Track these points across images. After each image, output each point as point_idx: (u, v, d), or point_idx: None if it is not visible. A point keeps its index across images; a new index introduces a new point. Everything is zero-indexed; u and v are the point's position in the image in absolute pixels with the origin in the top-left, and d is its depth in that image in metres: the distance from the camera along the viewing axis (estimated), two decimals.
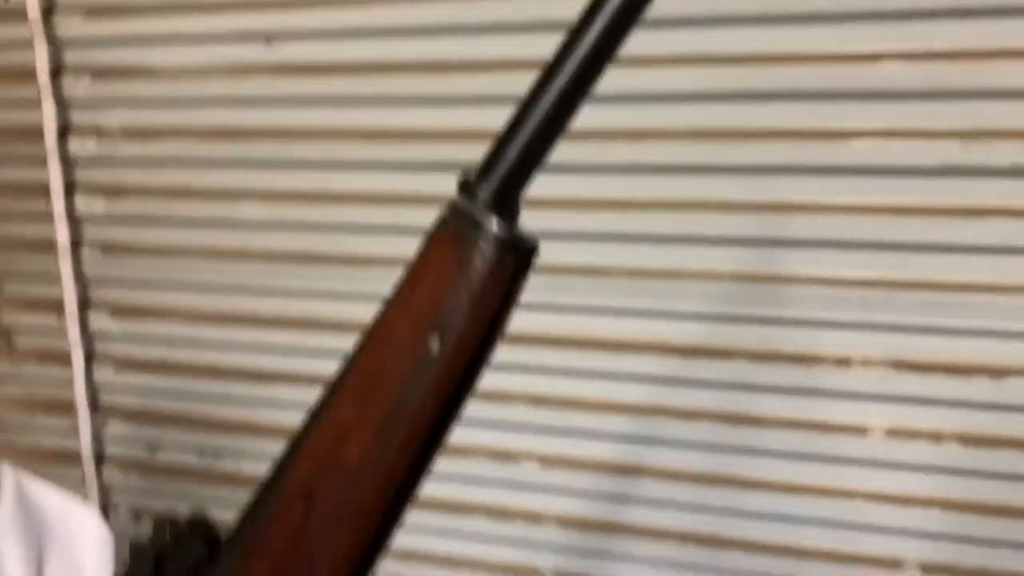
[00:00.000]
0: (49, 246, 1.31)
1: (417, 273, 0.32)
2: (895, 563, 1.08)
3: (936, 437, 1.04)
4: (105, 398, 1.35)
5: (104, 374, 1.34)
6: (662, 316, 1.09)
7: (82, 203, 1.31)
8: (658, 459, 1.13)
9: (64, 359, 1.33)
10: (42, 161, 1.29)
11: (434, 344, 0.31)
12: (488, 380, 1.19)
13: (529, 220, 0.35)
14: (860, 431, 1.06)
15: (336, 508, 0.31)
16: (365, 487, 0.31)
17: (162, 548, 0.33)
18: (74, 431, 1.35)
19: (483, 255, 0.31)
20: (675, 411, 1.11)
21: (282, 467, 0.32)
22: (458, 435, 1.16)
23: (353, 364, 0.32)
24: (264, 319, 1.24)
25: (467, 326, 0.31)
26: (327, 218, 1.20)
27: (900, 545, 1.08)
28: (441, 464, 1.12)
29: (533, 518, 1.20)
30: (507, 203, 0.33)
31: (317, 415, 0.32)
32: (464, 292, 0.31)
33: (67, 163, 1.29)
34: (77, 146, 1.29)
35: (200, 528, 0.34)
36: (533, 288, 1.15)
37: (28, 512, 0.63)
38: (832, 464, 1.07)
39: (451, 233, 0.32)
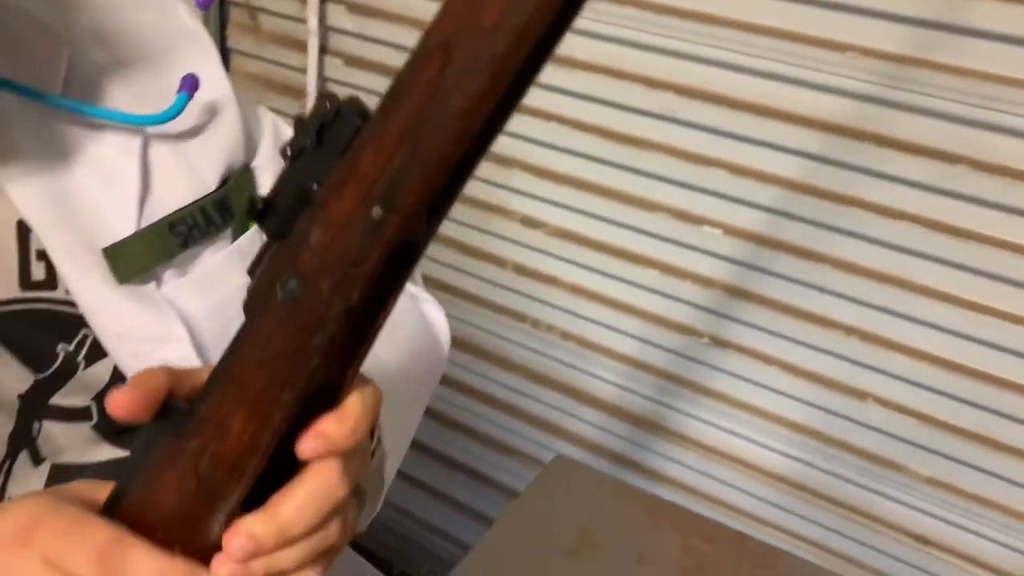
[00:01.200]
0: None
1: None
2: None
3: None
4: (333, 90, 1.44)
5: (334, 67, 1.42)
6: (881, 103, 1.04)
7: None
8: (838, 249, 1.12)
9: (300, 46, 1.42)
10: None
11: None
12: (689, 139, 1.19)
13: None
14: None
15: (471, 61, 0.33)
16: (498, 43, 0.33)
17: (323, 120, 0.37)
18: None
19: None
20: (871, 205, 1.09)
21: (425, 33, 0.34)
22: (645, 188, 1.20)
23: None
24: None
25: None
26: None
27: None
28: (624, 214, 1.16)
29: (705, 282, 1.23)
30: None
31: None
32: None
33: None
34: None
35: (356, 106, 0.36)
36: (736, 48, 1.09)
37: (271, 136, 0.67)
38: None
39: None
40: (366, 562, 0.87)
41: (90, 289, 0.55)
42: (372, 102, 0.36)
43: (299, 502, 0.38)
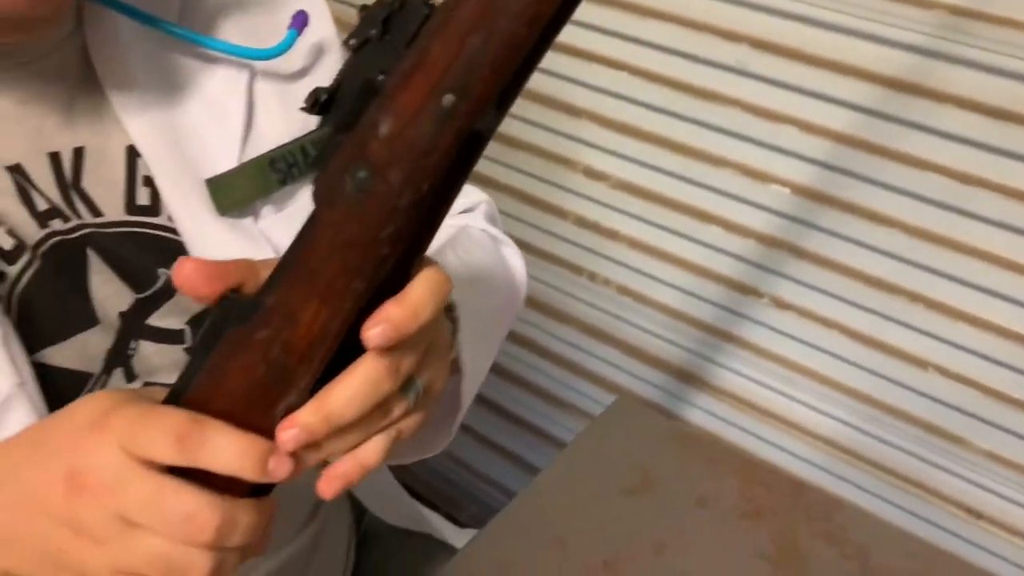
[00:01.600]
0: None
1: None
2: None
3: None
4: None
5: None
6: (962, 62, 1.01)
7: None
8: (908, 213, 1.10)
9: None
10: None
11: None
12: (761, 94, 1.16)
13: None
14: None
15: None
16: None
17: (389, 9, 0.37)
18: None
19: None
20: (947, 170, 1.06)
21: None
22: (713, 143, 1.17)
23: None
24: None
25: None
26: None
27: None
28: (691, 169, 1.14)
29: (770, 242, 1.22)
30: None
31: None
32: None
33: None
34: None
35: None
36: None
37: None
38: None
39: None
40: (418, 502, 0.89)
41: (192, 217, 0.57)
42: None
43: (349, 393, 0.39)
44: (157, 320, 0.58)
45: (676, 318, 1.33)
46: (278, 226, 0.61)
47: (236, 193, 0.59)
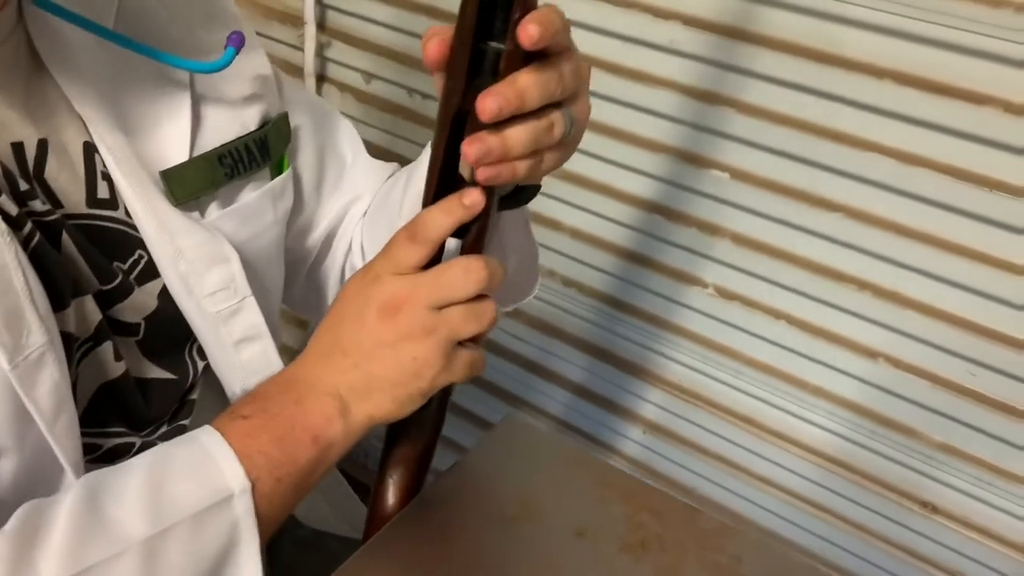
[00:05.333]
0: None
1: None
2: None
3: None
4: (331, 18, 1.38)
5: None
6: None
7: None
8: (853, 198, 1.04)
9: None
10: None
11: None
12: (695, 76, 1.08)
13: None
14: None
15: None
16: None
17: None
18: (300, 45, 1.41)
19: None
20: (889, 150, 1.01)
21: None
22: (648, 127, 1.10)
23: None
24: None
25: None
26: None
27: None
28: (626, 155, 1.07)
29: (712, 229, 1.17)
30: None
31: None
32: None
33: None
34: None
35: None
36: None
37: (304, 102, 0.76)
38: None
39: None
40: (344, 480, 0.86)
41: (148, 210, 0.60)
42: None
43: (531, 78, 0.48)
44: (116, 314, 0.60)
45: (617, 308, 1.29)
46: (225, 221, 0.65)
47: (190, 184, 0.62)
